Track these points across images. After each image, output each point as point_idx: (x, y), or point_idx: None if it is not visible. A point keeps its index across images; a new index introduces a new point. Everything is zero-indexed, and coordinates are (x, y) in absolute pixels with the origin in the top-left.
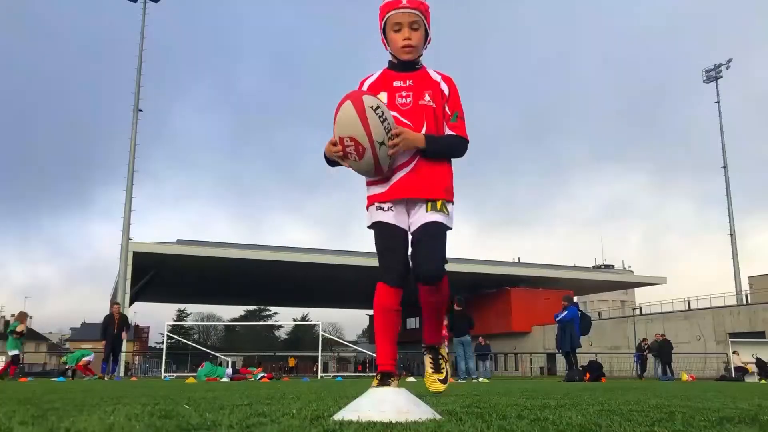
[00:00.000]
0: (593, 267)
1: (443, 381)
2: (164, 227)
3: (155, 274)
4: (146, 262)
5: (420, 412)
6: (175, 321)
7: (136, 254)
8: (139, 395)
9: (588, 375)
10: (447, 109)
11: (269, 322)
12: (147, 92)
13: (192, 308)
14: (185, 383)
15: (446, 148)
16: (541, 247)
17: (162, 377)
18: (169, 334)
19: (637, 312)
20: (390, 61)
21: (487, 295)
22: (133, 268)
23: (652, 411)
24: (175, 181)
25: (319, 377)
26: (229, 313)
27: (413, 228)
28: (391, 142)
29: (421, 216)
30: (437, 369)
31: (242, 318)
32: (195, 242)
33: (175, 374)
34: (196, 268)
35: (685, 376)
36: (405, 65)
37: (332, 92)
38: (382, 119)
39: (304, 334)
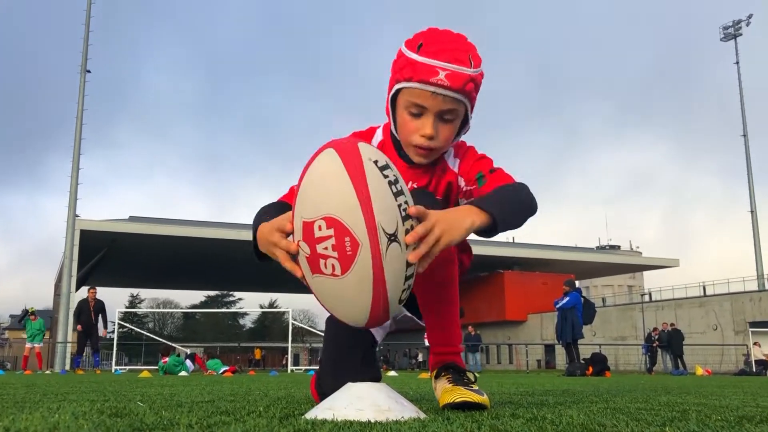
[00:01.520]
0: (597, 248)
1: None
2: (126, 203)
3: (105, 255)
4: (95, 241)
5: (402, 410)
6: (127, 308)
7: (83, 233)
8: (87, 391)
9: (591, 369)
10: (462, 183)
11: (233, 309)
12: (108, 50)
13: (146, 293)
14: (138, 377)
15: (517, 204)
16: (540, 226)
17: (112, 371)
18: (120, 322)
19: (646, 298)
20: (394, 136)
21: (477, 279)
22: (81, 248)
23: (663, 409)
24: (139, 151)
25: (289, 371)
26: (187, 299)
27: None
28: (410, 237)
29: None
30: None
31: (203, 305)
32: (150, 219)
33: (127, 367)
34: (151, 248)
35: (699, 371)
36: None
37: (324, 52)
38: (394, 188)
39: (272, 323)
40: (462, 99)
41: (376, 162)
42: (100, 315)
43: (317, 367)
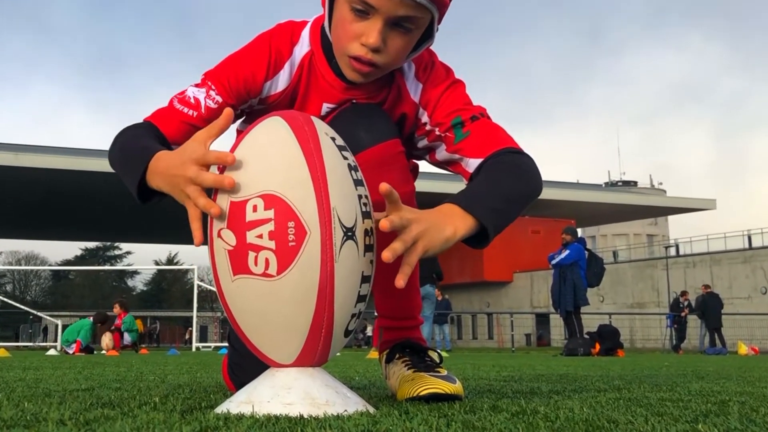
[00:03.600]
0: (606, 184)
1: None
2: None
3: None
4: None
5: (345, 402)
6: None
7: None
8: None
9: (598, 346)
10: (424, 118)
11: (119, 267)
12: None
13: (2, 245)
14: None
15: (517, 204)
16: (532, 155)
17: None
18: None
19: (672, 252)
20: (326, 41)
21: None
22: None
23: (695, 400)
24: (4, 48)
25: (193, 348)
26: (58, 252)
27: None
28: (386, 222)
29: None
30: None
31: (78, 260)
32: (7, 146)
33: None
34: (10, 185)
35: (743, 348)
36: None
37: None
38: (354, 176)
39: (171, 285)
40: (427, 5)
41: (333, 139)
42: None
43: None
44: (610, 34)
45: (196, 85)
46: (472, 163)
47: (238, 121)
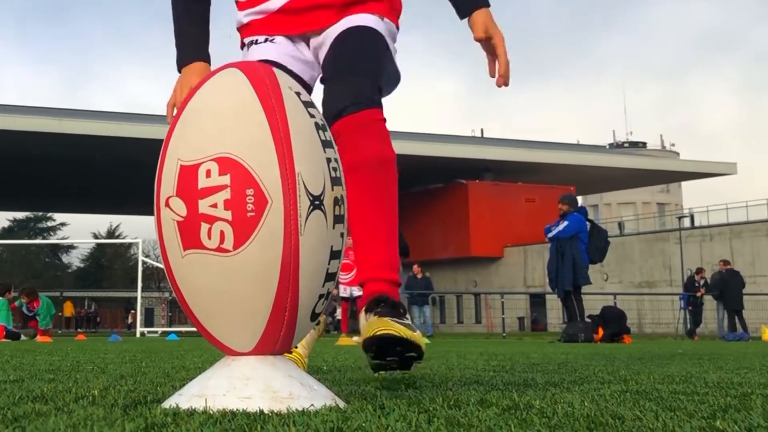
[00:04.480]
0: (611, 146)
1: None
2: None
3: None
4: None
5: (311, 395)
6: None
7: None
8: None
9: (601, 331)
10: None
11: (52, 240)
12: None
13: None
14: None
15: None
16: (527, 111)
17: None
18: None
19: (686, 223)
20: None
21: (426, 194)
22: None
23: (712, 393)
24: None
25: (137, 334)
26: None
27: (323, 50)
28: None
29: (337, 27)
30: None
31: (6, 233)
32: None
33: None
34: None
35: (767, 334)
36: None
37: None
38: (322, 136)
39: (112, 261)
40: None
41: (298, 94)
42: None
43: (180, 331)
44: None
45: None
46: None
47: None
